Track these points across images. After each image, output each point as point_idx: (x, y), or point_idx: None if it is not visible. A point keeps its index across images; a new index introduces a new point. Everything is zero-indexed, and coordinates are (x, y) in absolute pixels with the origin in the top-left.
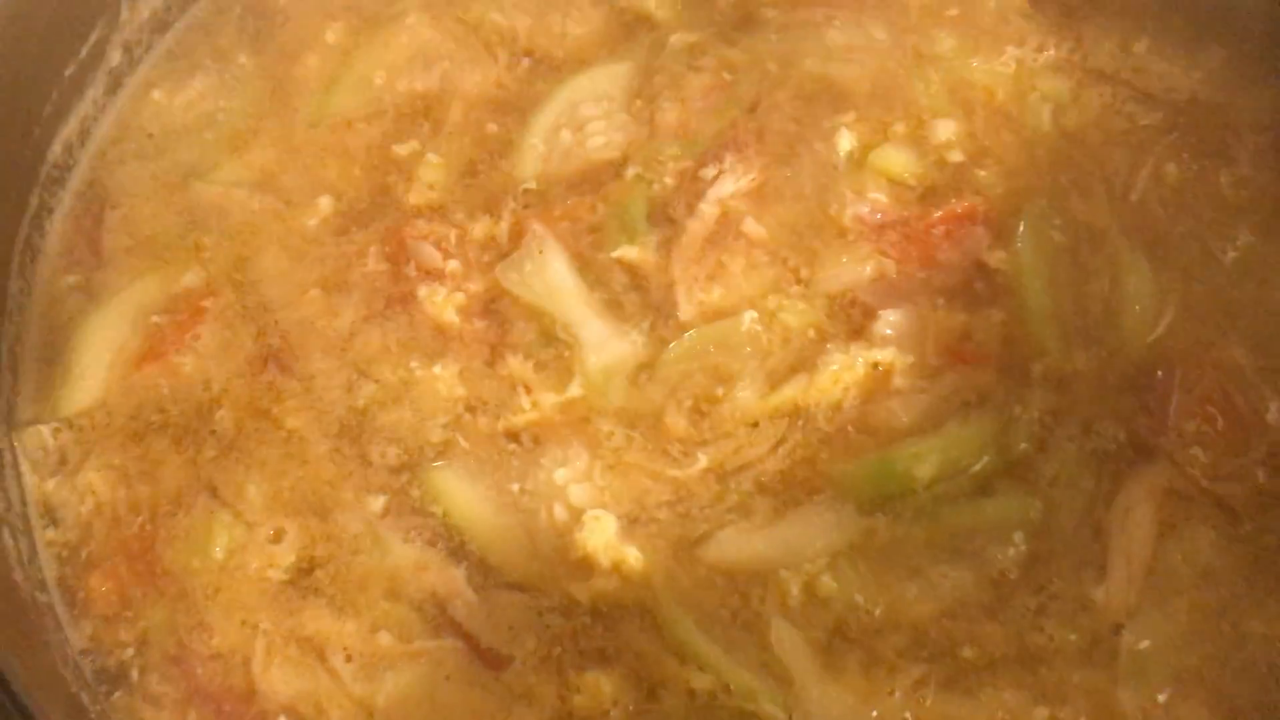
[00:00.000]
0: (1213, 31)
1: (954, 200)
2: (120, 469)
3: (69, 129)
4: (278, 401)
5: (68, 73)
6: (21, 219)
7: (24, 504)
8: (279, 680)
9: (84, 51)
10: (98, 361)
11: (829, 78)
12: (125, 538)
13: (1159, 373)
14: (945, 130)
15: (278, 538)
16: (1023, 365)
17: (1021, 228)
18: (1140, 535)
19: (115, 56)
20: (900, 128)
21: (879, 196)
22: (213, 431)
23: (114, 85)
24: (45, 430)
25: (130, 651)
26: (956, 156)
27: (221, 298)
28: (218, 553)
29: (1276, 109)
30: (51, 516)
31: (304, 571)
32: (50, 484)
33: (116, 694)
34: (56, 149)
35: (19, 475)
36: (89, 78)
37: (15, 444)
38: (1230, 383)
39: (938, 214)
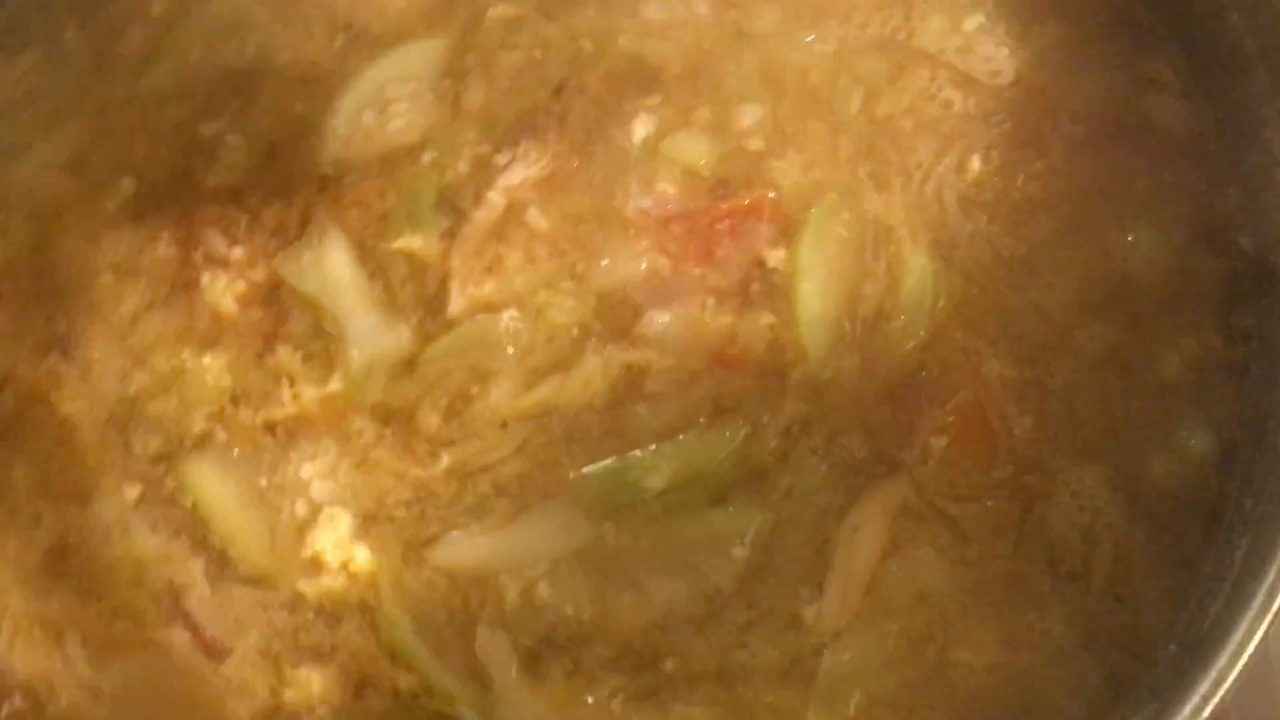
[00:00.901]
0: (1053, 7)
1: (743, 193)
2: None
3: None
4: (56, 387)
5: None
6: None
7: None
8: (19, 659)
9: None
10: None
11: (642, 56)
12: None
13: (914, 380)
14: (749, 116)
15: (36, 522)
16: (781, 371)
17: (806, 225)
18: (864, 554)
19: None
20: (705, 112)
21: (667, 188)
22: None
23: None
24: None
25: None
26: (756, 144)
27: (18, 281)
28: None
29: (1101, 98)
30: None
31: (57, 556)
32: None
33: None
34: None
35: None
36: None
37: None
38: (987, 396)
39: (723, 208)
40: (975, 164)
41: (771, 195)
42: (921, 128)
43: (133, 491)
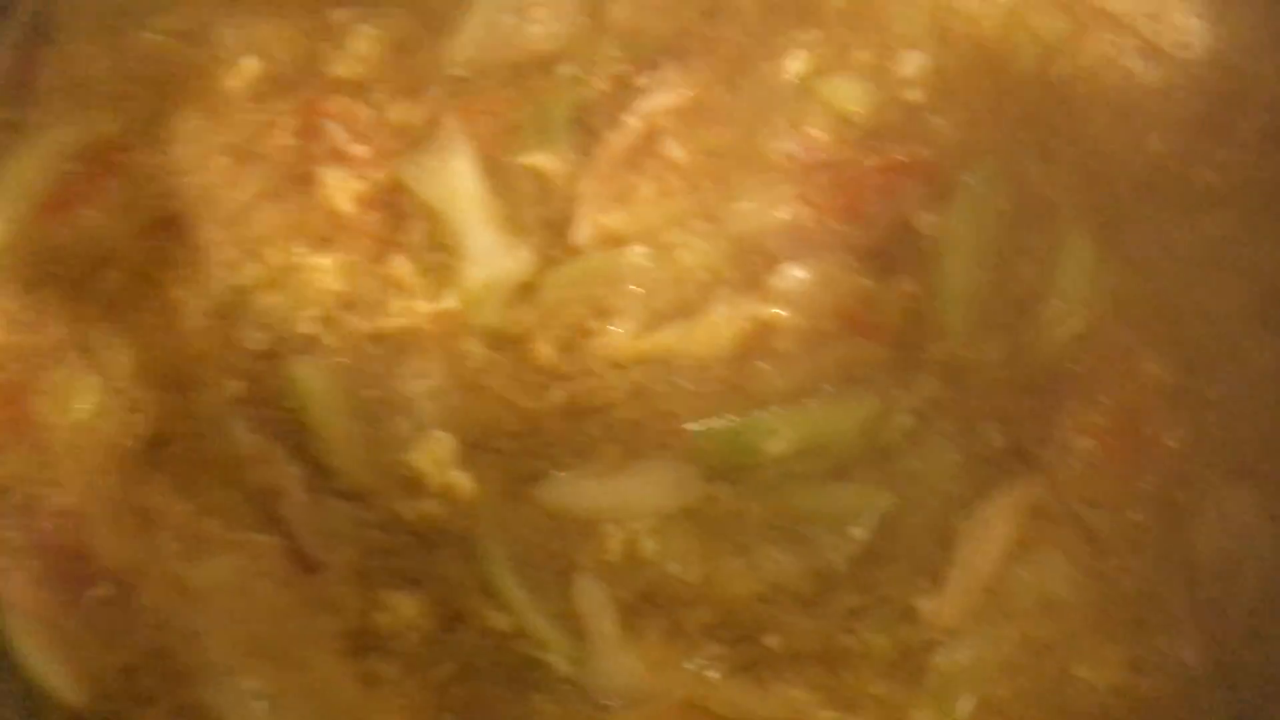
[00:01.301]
0: None
1: (897, 148)
2: (11, 314)
3: None
4: (165, 269)
5: None
6: None
7: None
8: (111, 546)
9: None
10: (9, 204)
11: None
12: (3, 384)
13: (1063, 377)
14: (911, 63)
15: (137, 407)
16: (919, 345)
17: (961, 190)
18: (990, 551)
19: None
20: (864, 55)
21: (816, 132)
22: (101, 291)
23: None
24: None
25: None
26: (916, 96)
27: (134, 153)
28: (79, 412)
29: None
30: None
31: (155, 445)
32: None
33: None
34: None
35: None
36: None
37: None
38: (1139, 399)
39: (875, 161)
40: (1153, 143)
41: (927, 154)
42: (1097, 96)
43: (235, 387)
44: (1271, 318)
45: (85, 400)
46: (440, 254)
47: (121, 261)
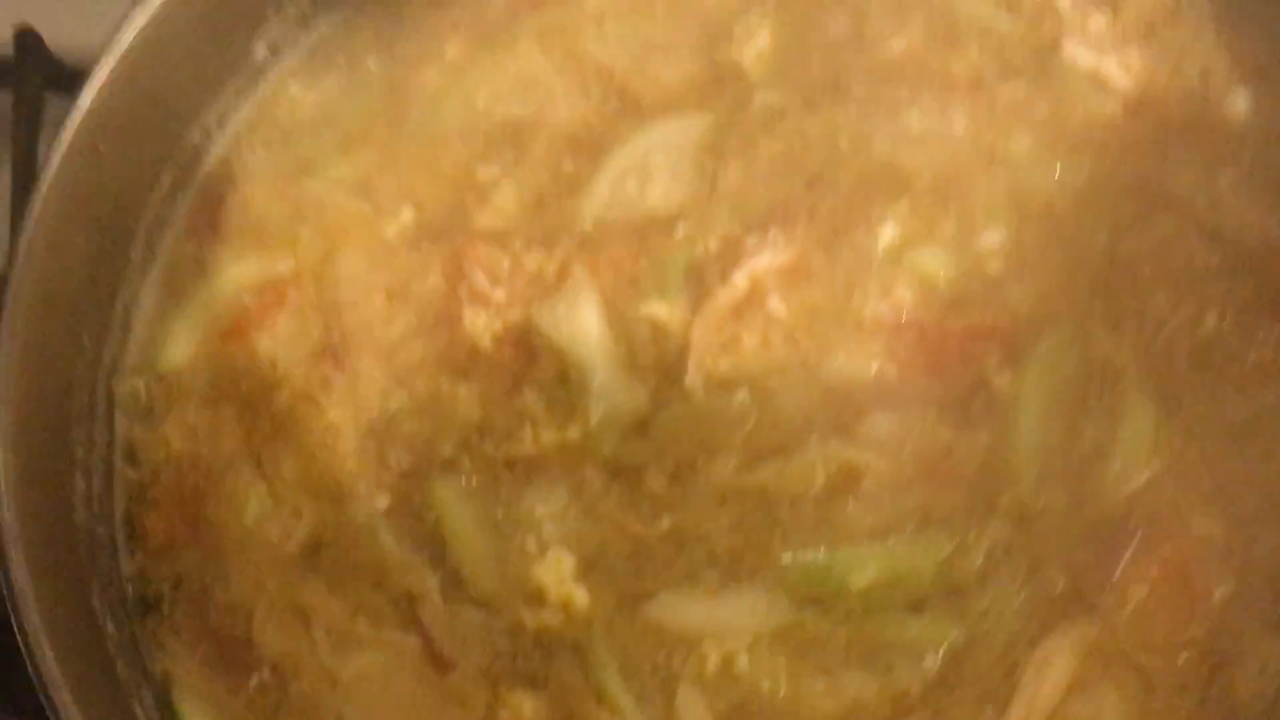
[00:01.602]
0: None
1: (978, 314)
2: (193, 428)
3: (208, 116)
4: (326, 393)
5: (211, 68)
6: (151, 194)
7: (109, 445)
8: (271, 637)
9: (230, 50)
10: (194, 329)
11: (895, 162)
12: (183, 488)
13: (1122, 527)
14: (992, 238)
15: (297, 514)
16: (992, 493)
17: (1035, 354)
18: (1050, 684)
19: (260, 51)
20: (948, 227)
21: (904, 296)
22: (269, 410)
23: (256, 77)
24: (141, 383)
25: (166, 585)
26: (996, 267)
27: (303, 289)
28: (249, 517)
29: None
30: (132, 458)
31: (312, 549)
32: (137, 429)
33: (149, 619)
34: (195, 134)
35: (110, 421)
36: (232, 70)
37: (114, 391)
38: (1190, 553)
39: (956, 325)
40: (1210, 320)
41: (1004, 320)
42: (1161, 275)
43: (383, 501)
44: None
45: (252, 506)
46: (565, 389)
47: (289, 386)
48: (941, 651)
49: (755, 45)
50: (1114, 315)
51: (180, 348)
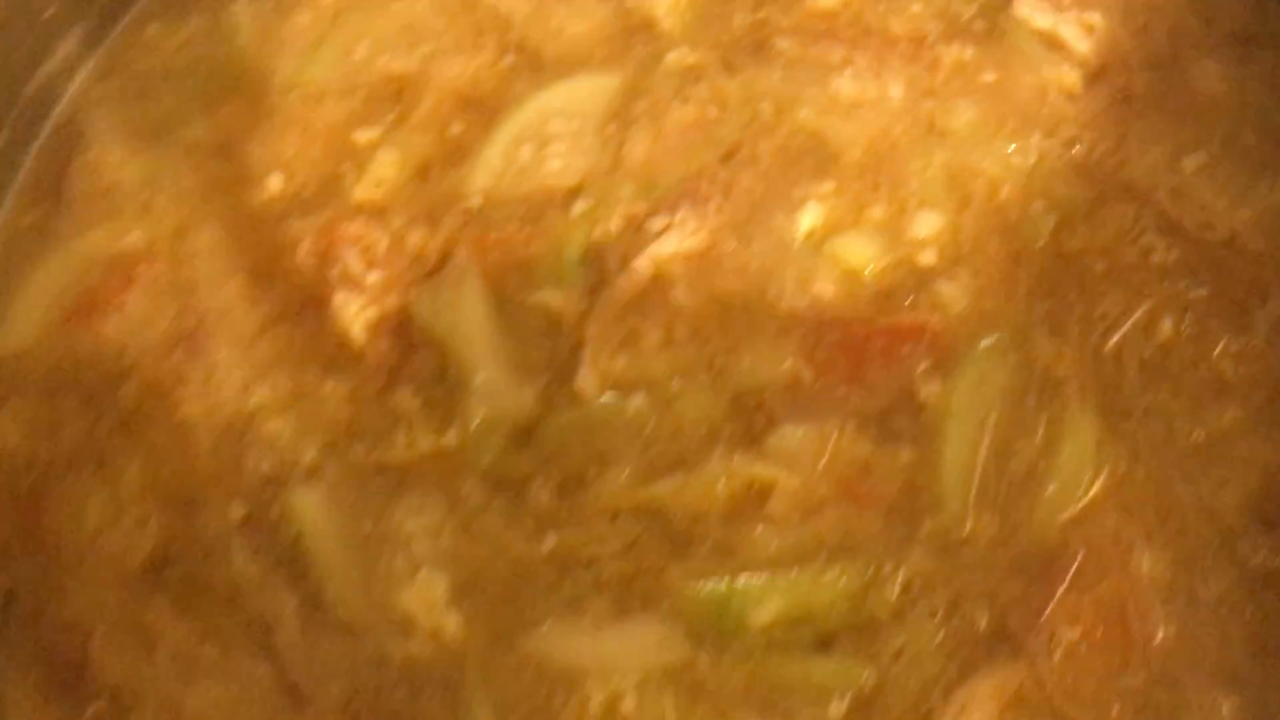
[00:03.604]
0: None
1: (906, 312)
2: (30, 421)
3: (50, 64)
4: (179, 386)
5: (53, 6)
6: None
7: None
8: (111, 661)
9: None
10: (33, 309)
11: (822, 134)
12: (18, 490)
13: (1056, 559)
14: (926, 225)
15: (143, 523)
16: (914, 518)
17: (967, 361)
18: None
19: None
20: (878, 211)
21: (825, 289)
22: (115, 403)
23: (108, 18)
24: None
25: None
26: (928, 258)
27: (156, 265)
28: (89, 526)
29: None
30: None
31: (158, 564)
32: None
33: None
34: (32, 87)
35: None
36: (79, 9)
37: None
38: (1130, 592)
39: (881, 323)
40: (1166, 327)
41: (935, 320)
42: (1114, 273)
43: (239, 511)
44: (1269, 516)
45: (92, 513)
46: (445, 387)
47: (138, 375)
48: (849, 697)
49: None
50: (1058, 318)
51: (17, 330)
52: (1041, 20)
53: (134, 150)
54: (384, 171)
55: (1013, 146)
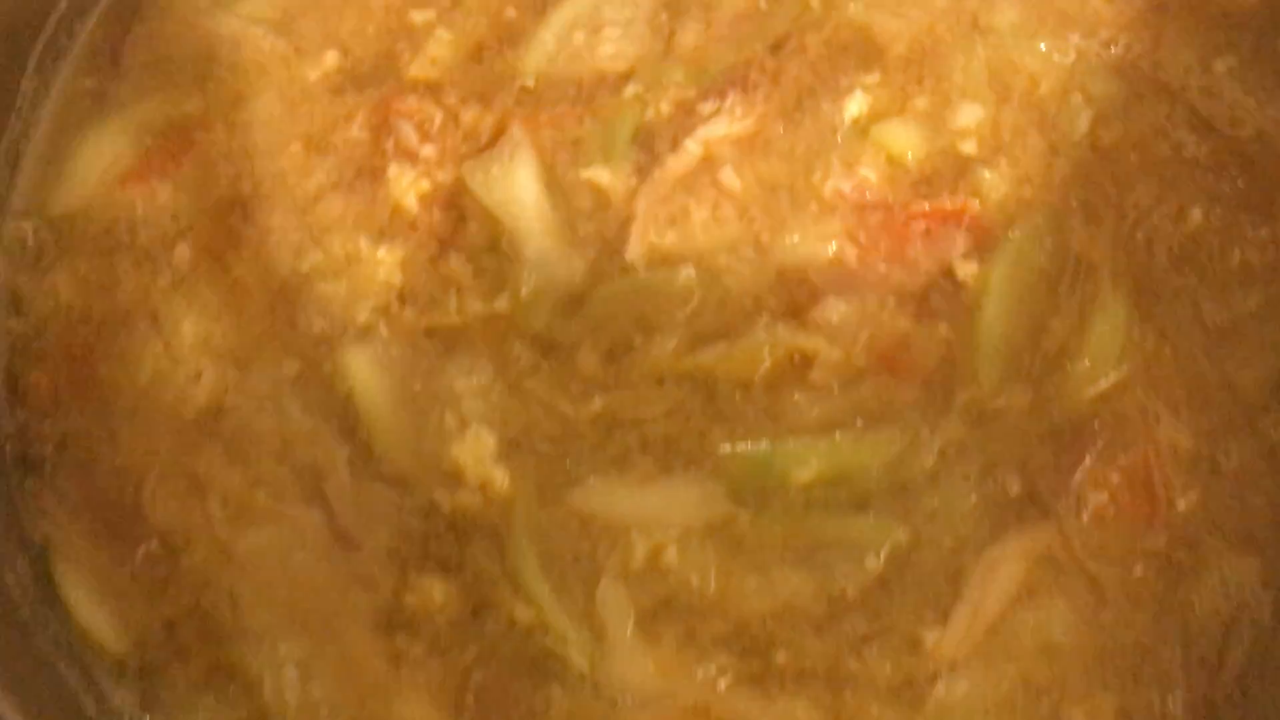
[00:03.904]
0: None
1: (946, 196)
2: (85, 278)
3: None
4: (233, 248)
5: None
6: (48, 19)
7: None
8: (163, 506)
9: None
10: (90, 171)
11: (869, 28)
12: (72, 343)
13: (1086, 429)
14: (968, 115)
15: (197, 377)
16: (949, 389)
17: (1005, 243)
18: (997, 592)
19: None
20: (922, 102)
21: (869, 174)
22: (170, 263)
23: None
24: (29, 227)
25: (50, 447)
26: (969, 148)
27: (212, 133)
28: (143, 378)
29: None
30: (17, 307)
31: (211, 415)
32: (23, 277)
33: (29, 480)
34: None
35: None
36: None
37: None
38: (1155, 461)
39: (924, 207)
40: (1195, 216)
41: (975, 204)
42: (1146, 165)
43: (292, 367)
44: None
45: (147, 366)
46: (496, 257)
47: (193, 237)
48: (884, 553)
49: None
50: (1093, 206)
51: (73, 191)
52: None
53: (192, 24)
54: (439, 51)
55: (1052, 45)
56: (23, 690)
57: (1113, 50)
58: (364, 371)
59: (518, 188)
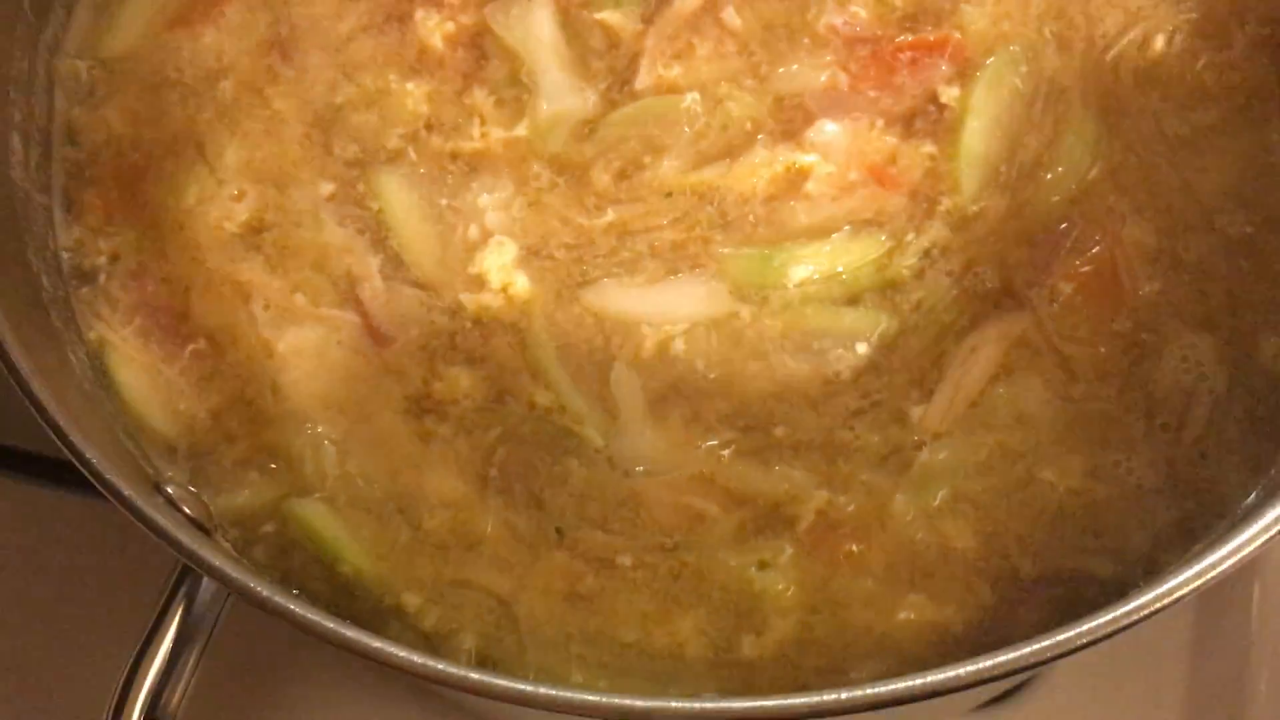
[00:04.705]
0: None
1: (930, 29)
2: (135, 111)
3: None
4: (272, 84)
5: None
6: None
7: (49, 120)
8: (209, 310)
9: None
10: (139, 17)
11: None
12: (123, 167)
13: (1057, 229)
14: None
15: (239, 198)
16: (933, 198)
17: (985, 70)
18: (976, 372)
19: None
20: None
21: (859, 10)
22: (214, 98)
23: None
24: (83, 65)
25: (103, 259)
26: None
27: None
28: (189, 198)
29: None
30: (72, 137)
31: (253, 230)
32: (77, 110)
33: (84, 289)
34: None
35: (50, 97)
36: None
37: (55, 71)
38: (1122, 255)
39: (909, 39)
40: (1158, 44)
41: (957, 36)
42: (1114, 1)
43: (327, 188)
44: (1244, 196)
45: (193, 188)
46: (515, 89)
47: (235, 75)
48: (874, 340)
49: None
50: (1064, 37)
51: (124, 35)
52: None
53: None
54: None
55: None
56: (95, 441)
57: None
58: (394, 190)
59: (536, 26)
